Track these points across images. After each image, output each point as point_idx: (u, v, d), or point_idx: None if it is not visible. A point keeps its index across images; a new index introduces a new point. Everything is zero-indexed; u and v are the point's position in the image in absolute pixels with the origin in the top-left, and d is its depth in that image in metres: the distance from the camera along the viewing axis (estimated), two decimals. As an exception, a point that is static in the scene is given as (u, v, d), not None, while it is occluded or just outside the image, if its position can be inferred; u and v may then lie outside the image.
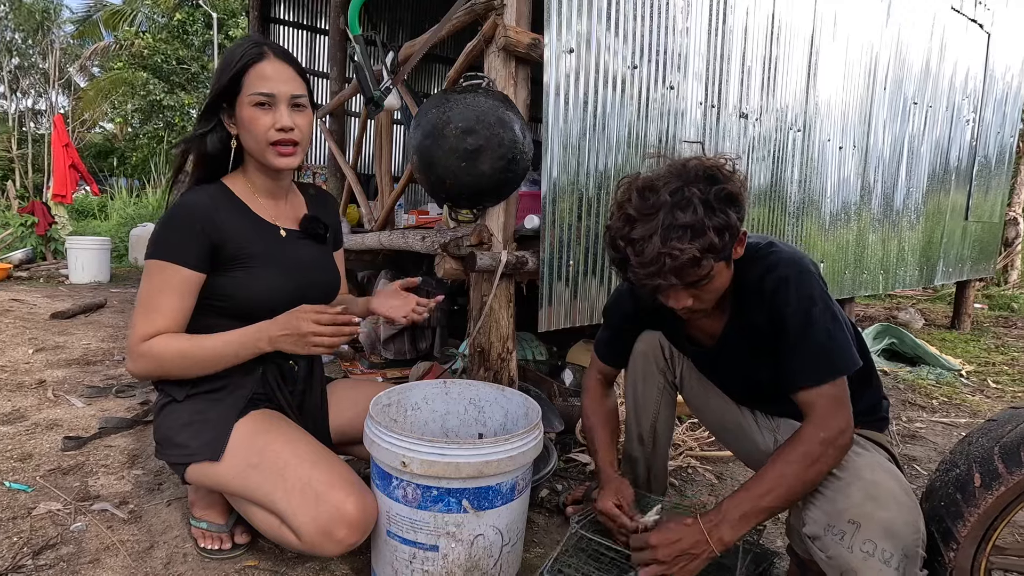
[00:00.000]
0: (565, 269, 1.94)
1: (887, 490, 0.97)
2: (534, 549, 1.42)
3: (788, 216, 2.88)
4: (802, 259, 1.07)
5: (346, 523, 1.06)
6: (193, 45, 11.06)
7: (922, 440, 2.28)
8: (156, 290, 1.15)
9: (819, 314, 1.02)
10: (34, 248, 6.55)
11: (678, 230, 0.93)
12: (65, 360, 2.86)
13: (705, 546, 1.00)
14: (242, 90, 1.17)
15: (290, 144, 1.21)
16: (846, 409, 1.01)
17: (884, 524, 0.94)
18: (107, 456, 1.81)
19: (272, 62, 1.19)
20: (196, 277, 1.17)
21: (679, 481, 1.84)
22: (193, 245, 1.16)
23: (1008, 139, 4.62)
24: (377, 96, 1.73)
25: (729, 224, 0.95)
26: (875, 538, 0.93)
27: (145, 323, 1.15)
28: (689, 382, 1.37)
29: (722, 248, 0.95)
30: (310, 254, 1.34)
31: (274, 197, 1.32)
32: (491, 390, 1.42)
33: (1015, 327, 4.90)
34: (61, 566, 1.25)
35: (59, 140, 6.54)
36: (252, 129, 1.18)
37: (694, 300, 1.03)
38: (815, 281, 1.04)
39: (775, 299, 1.04)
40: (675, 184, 0.96)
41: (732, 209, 0.96)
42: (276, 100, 1.18)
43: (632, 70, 2.04)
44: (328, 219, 1.42)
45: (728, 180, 0.97)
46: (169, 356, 1.15)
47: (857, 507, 0.96)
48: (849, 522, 0.95)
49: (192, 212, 1.17)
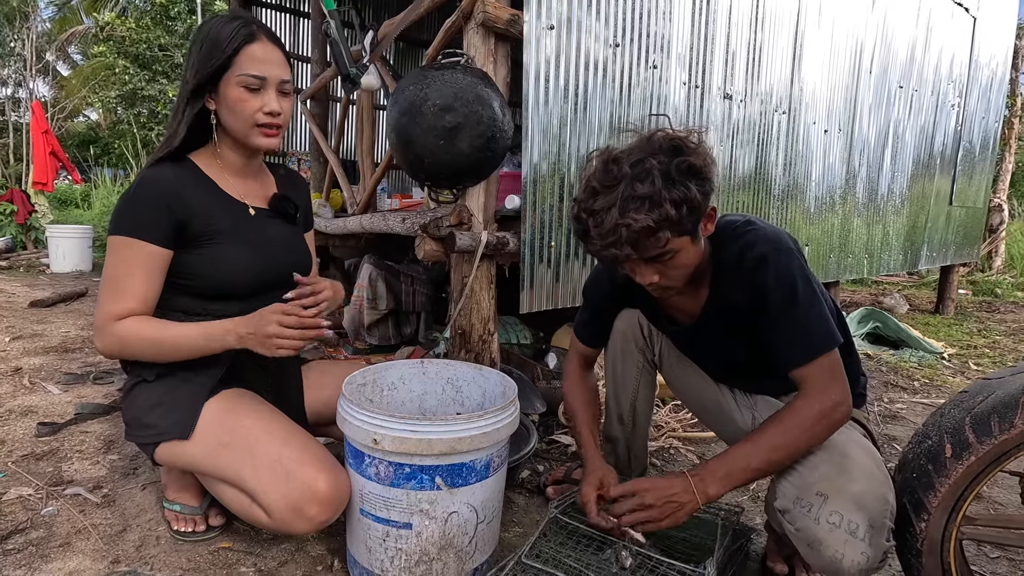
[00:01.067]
0: (547, 250, 1.93)
1: (858, 464, 0.98)
2: (513, 528, 1.42)
3: (773, 199, 2.88)
4: (781, 236, 1.06)
5: (317, 500, 1.04)
6: (176, 32, 10.84)
7: (903, 420, 2.30)
8: (123, 268, 1.13)
9: (801, 291, 1.01)
10: (14, 237, 6.43)
11: (635, 201, 0.92)
12: (43, 348, 2.81)
13: (691, 496, 1.01)
14: (231, 69, 1.15)
15: (275, 127, 1.21)
16: (841, 382, 1.00)
17: (852, 496, 0.94)
18: (82, 442, 1.78)
19: (264, 44, 1.17)
20: (163, 254, 1.15)
21: (660, 462, 1.84)
22: (159, 220, 1.13)
23: (993, 125, 4.65)
24: (353, 74, 1.70)
25: (688, 197, 0.93)
26: (841, 510, 0.93)
27: (112, 302, 1.12)
28: (668, 360, 1.37)
29: (679, 221, 0.94)
30: (279, 233, 1.32)
31: (243, 175, 1.30)
32: (469, 369, 1.41)
33: (998, 311, 4.96)
34: (30, 550, 1.23)
35: (38, 127, 6.41)
36: (239, 110, 1.17)
37: (660, 276, 1.02)
38: (795, 258, 1.03)
39: (755, 277, 1.03)
40: (637, 156, 0.95)
41: (694, 182, 0.94)
42: (267, 84, 1.17)
43: (614, 48, 2.01)
44: (298, 199, 1.39)
45: (692, 152, 0.96)
46: (137, 341, 1.13)
47: (826, 480, 0.97)
48: (817, 494, 0.96)
49: (158, 187, 1.14)
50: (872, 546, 0.92)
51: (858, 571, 0.93)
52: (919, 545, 0.95)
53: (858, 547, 0.92)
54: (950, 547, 0.94)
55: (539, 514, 1.49)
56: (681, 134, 0.98)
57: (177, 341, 1.13)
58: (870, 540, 0.92)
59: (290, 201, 1.35)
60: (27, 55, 10.66)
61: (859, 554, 0.92)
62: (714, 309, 1.14)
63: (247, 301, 1.25)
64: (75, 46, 13.17)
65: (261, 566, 1.22)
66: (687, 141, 0.97)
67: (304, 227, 1.45)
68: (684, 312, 1.21)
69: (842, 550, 0.93)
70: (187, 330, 1.14)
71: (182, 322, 1.17)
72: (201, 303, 1.21)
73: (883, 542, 0.93)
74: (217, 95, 1.18)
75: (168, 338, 1.13)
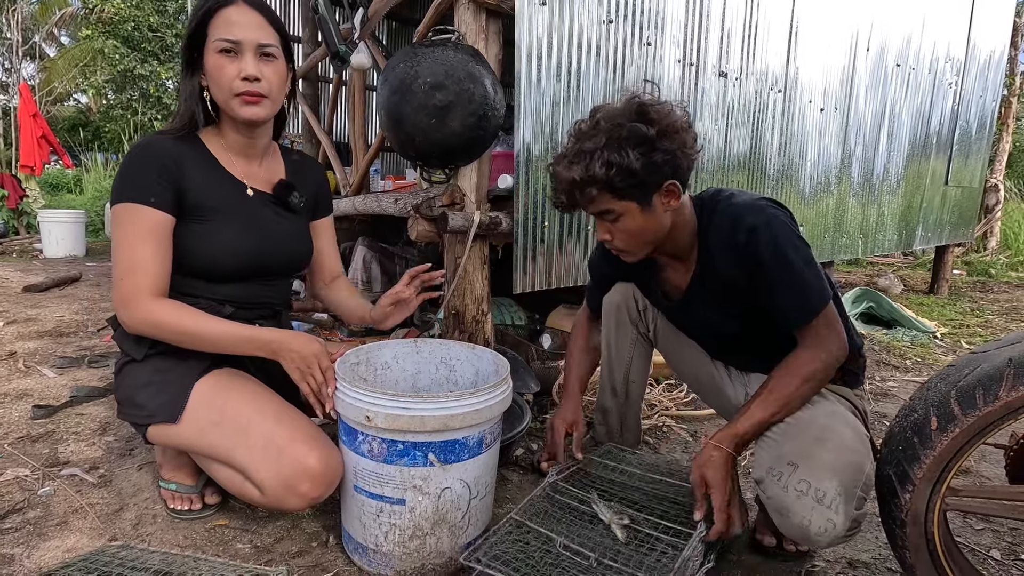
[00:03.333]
0: (540, 230, 1.92)
1: (836, 435, 0.99)
2: (507, 505, 1.44)
3: (768, 179, 2.87)
4: (761, 205, 1.07)
5: (308, 476, 1.05)
6: (166, 11, 10.64)
7: (894, 398, 2.33)
8: (134, 238, 1.09)
9: (793, 255, 1.03)
10: (6, 222, 6.39)
11: (577, 156, 1.02)
12: (37, 332, 2.81)
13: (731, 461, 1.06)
14: (208, 37, 1.12)
15: (255, 95, 1.14)
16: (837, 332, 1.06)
17: (821, 465, 0.96)
18: (78, 424, 1.79)
19: (239, 8, 1.12)
20: (167, 220, 1.13)
21: (654, 439, 1.86)
22: (161, 183, 1.11)
23: (990, 104, 4.62)
24: (342, 51, 1.67)
25: (623, 163, 0.98)
26: (809, 478, 0.95)
27: (134, 274, 1.09)
28: (664, 335, 1.38)
29: (608, 182, 0.99)
30: (277, 220, 1.29)
31: (248, 157, 1.27)
32: (462, 349, 1.41)
33: (991, 292, 4.98)
34: (27, 529, 1.24)
35: (26, 110, 6.32)
36: (217, 78, 1.13)
37: (611, 236, 1.09)
38: (782, 224, 1.05)
39: (748, 249, 1.04)
40: (601, 116, 1.02)
41: (637, 150, 0.98)
42: (242, 47, 1.12)
43: (608, 25, 1.99)
44: (307, 187, 1.36)
45: (648, 123, 0.99)
46: (173, 329, 1.10)
47: (799, 450, 0.99)
48: (788, 464, 0.98)
49: (157, 150, 1.13)
50: (840, 513, 0.93)
51: (826, 538, 0.95)
52: (903, 516, 0.96)
53: (824, 514, 0.93)
54: (934, 518, 0.95)
55: (533, 491, 1.50)
56: (650, 104, 1.02)
57: (217, 338, 1.11)
58: (837, 508, 0.93)
59: (293, 189, 1.31)
60: (14, 38, 10.47)
61: (826, 520, 0.93)
62: (699, 283, 1.16)
63: (238, 285, 1.24)
64: (63, 28, 12.93)
65: (257, 543, 1.23)
66: (652, 110, 1.01)
67: (315, 214, 1.42)
68: (674, 286, 1.22)
69: (809, 517, 0.94)
70: (229, 327, 1.12)
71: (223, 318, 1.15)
72: (189, 282, 1.19)
73: (852, 510, 0.95)
74: (204, 69, 1.15)
75: (205, 331, 1.10)
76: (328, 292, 1.49)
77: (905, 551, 0.97)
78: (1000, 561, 1.28)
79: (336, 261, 1.49)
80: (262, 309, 1.31)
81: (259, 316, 1.31)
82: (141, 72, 10.05)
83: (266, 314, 1.33)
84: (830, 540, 0.95)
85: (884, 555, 1.27)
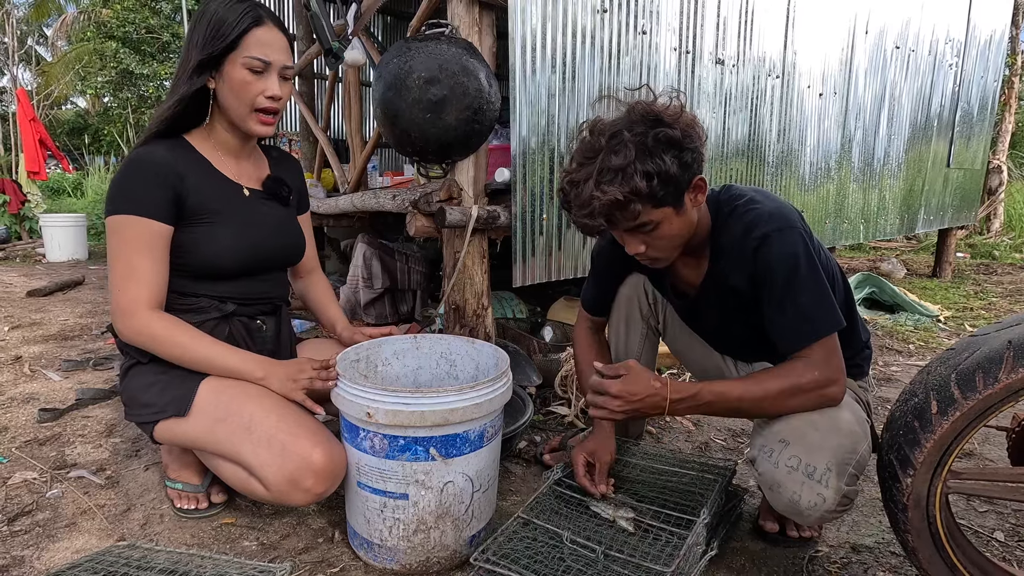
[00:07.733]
0: (539, 223, 1.92)
1: (830, 417, 0.99)
2: (511, 497, 1.44)
3: (767, 166, 2.85)
4: (785, 213, 1.03)
5: (313, 472, 1.06)
6: (162, 12, 10.63)
7: (897, 383, 2.33)
8: (130, 248, 1.12)
9: (803, 273, 0.99)
10: (8, 227, 6.41)
11: (608, 173, 0.94)
12: (42, 336, 2.82)
13: (659, 411, 1.03)
14: (237, 50, 1.15)
15: (273, 113, 1.21)
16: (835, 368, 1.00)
17: (812, 441, 0.96)
18: (84, 426, 1.80)
19: (270, 29, 1.17)
20: (165, 231, 1.15)
21: (657, 429, 1.86)
22: (159, 195, 1.13)
23: (992, 85, 4.58)
24: (336, 47, 1.66)
25: (662, 170, 0.94)
26: (799, 454, 0.95)
27: (132, 286, 1.12)
28: (672, 328, 1.38)
29: (651, 193, 0.94)
30: (273, 215, 1.32)
31: (237, 156, 1.30)
32: (462, 343, 1.41)
33: (995, 274, 4.96)
34: (37, 531, 1.26)
35: (24, 115, 6.33)
36: (241, 92, 1.17)
37: (647, 247, 1.03)
38: (798, 237, 1.01)
39: (757, 257, 1.02)
40: (614, 128, 0.96)
41: (669, 154, 0.94)
42: (270, 68, 1.18)
43: (602, 14, 1.97)
44: (292, 181, 1.39)
45: (670, 123, 0.96)
46: (168, 345, 1.14)
47: (792, 429, 0.99)
48: (780, 441, 0.98)
49: (154, 161, 1.14)
50: (829, 488, 0.93)
51: (816, 512, 0.95)
52: (905, 500, 0.96)
53: (814, 488, 0.94)
54: (936, 501, 0.96)
55: (536, 484, 1.51)
56: (659, 106, 0.98)
57: (210, 360, 1.16)
58: (827, 482, 0.94)
59: (283, 183, 1.34)
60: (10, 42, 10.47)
61: (815, 495, 0.94)
62: (712, 283, 1.14)
63: (236, 282, 1.26)
64: (61, 33, 12.92)
65: (264, 539, 1.24)
66: (666, 111, 0.97)
67: (299, 209, 1.44)
68: (687, 283, 1.21)
69: (799, 491, 0.95)
70: (222, 351, 1.17)
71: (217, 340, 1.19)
72: (190, 283, 1.21)
73: (843, 486, 0.95)
74: (220, 75, 1.17)
75: (198, 348, 1.15)
76: (304, 285, 1.54)
77: (908, 534, 0.97)
78: (1004, 543, 1.29)
79: (313, 255, 1.54)
80: (262, 304, 1.33)
81: (260, 312, 1.32)
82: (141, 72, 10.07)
83: (267, 310, 1.34)
84: (820, 515, 0.95)
85: (887, 539, 1.28)
